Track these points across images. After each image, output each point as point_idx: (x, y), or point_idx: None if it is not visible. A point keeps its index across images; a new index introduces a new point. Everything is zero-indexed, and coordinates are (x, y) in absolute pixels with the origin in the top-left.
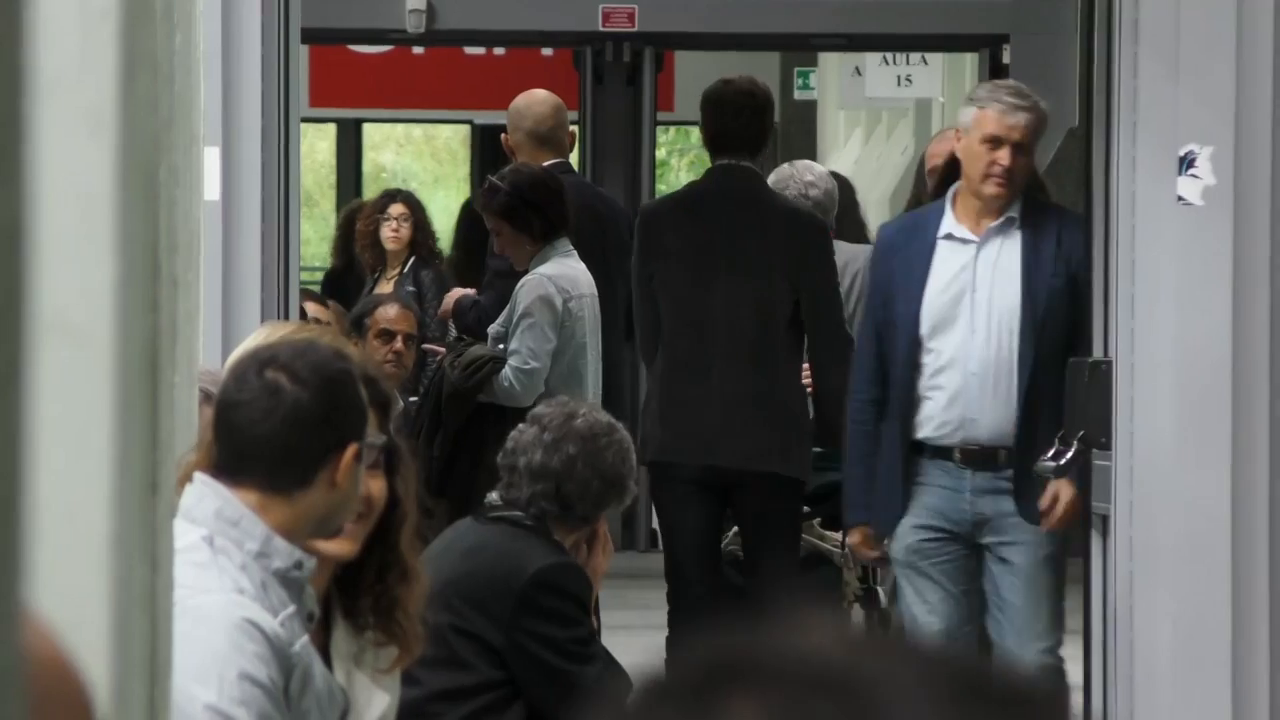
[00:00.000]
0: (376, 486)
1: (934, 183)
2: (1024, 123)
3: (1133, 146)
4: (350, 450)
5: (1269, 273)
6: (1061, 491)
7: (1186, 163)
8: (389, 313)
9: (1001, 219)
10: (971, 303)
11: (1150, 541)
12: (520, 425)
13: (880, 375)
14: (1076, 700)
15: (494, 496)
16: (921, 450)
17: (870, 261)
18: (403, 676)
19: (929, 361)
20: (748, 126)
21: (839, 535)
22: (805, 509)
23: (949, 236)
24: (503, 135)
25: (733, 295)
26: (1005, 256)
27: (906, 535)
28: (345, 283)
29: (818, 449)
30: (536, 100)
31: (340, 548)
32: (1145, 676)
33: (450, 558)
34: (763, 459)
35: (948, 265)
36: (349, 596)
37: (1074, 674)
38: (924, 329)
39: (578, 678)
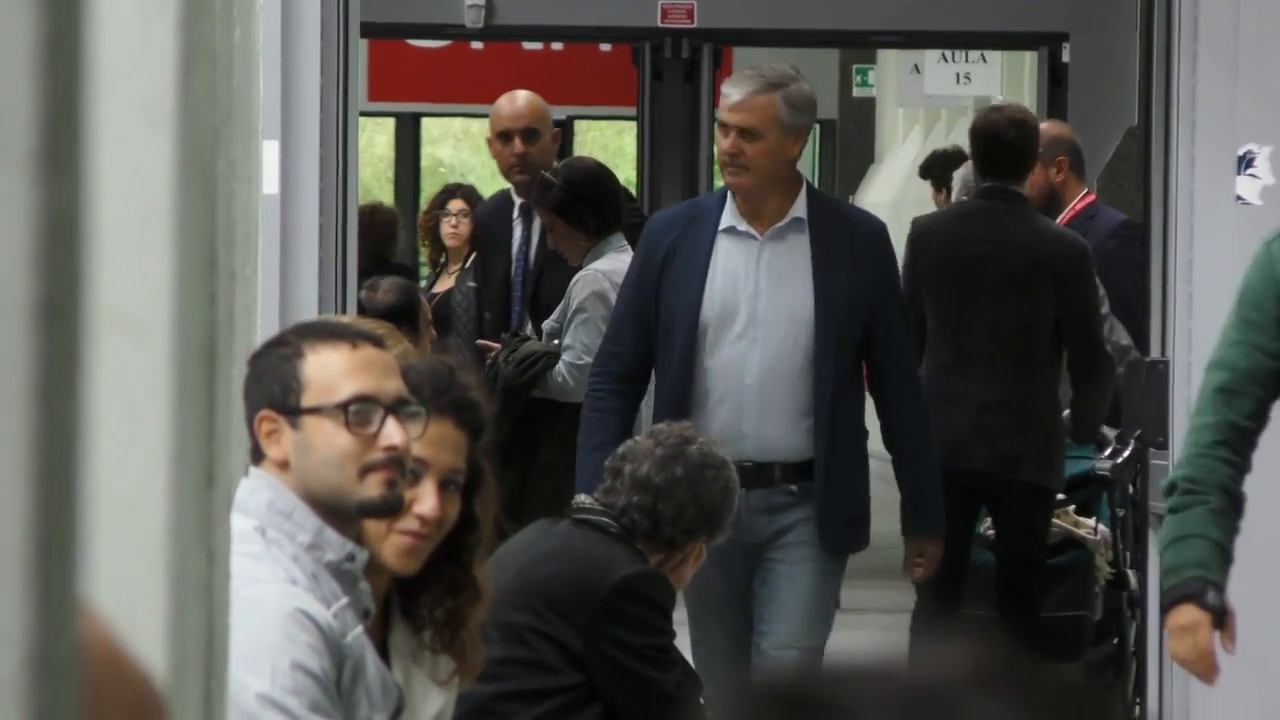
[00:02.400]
0: (452, 508)
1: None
2: (749, 105)
3: (1191, 146)
4: (257, 417)
5: None
6: (926, 551)
7: (1245, 162)
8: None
9: (787, 219)
10: (753, 310)
11: None
12: (639, 437)
13: (639, 371)
14: None
15: (583, 498)
16: None
17: (638, 249)
18: (481, 674)
19: (709, 366)
20: (1015, 152)
21: (1092, 521)
22: (1060, 496)
23: (730, 230)
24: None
25: (996, 312)
26: (792, 260)
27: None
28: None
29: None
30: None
31: (401, 564)
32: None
33: (532, 557)
34: (1018, 467)
35: (730, 262)
36: (407, 596)
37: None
38: (702, 326)
39: (656, 684)
